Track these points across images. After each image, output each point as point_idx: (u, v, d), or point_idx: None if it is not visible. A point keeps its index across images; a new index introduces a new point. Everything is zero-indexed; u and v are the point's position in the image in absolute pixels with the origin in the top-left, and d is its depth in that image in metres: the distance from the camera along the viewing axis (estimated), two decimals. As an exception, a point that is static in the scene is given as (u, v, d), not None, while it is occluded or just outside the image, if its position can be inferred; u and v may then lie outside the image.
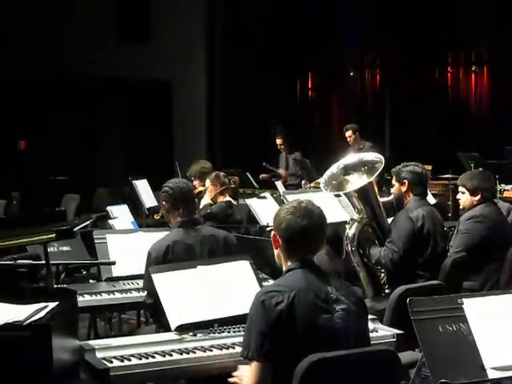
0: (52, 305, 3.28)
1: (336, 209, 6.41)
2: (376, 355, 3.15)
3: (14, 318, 3.11)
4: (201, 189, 7.84)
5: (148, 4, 14.55)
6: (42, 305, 3.25)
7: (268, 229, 6.67)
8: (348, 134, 11.30)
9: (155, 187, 8.52)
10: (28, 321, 3.11)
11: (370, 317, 3.76)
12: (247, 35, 14.20)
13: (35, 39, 13.17)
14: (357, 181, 5.51)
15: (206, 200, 7.52)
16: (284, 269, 3.34)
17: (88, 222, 4.53)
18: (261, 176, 11.79)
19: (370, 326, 3.70)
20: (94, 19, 13.96)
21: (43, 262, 3.87)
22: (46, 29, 13.43)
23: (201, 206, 7.47)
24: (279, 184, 10.28)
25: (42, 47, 13.24)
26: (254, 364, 3.11)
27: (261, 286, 4.07)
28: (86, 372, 3.54)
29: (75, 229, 3.75)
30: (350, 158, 5.81)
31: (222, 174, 7.56)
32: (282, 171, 11.69)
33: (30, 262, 4.41)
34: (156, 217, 8.37)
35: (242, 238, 6.10)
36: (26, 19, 13.23)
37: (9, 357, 2.99)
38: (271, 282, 4.70)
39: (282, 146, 11.85)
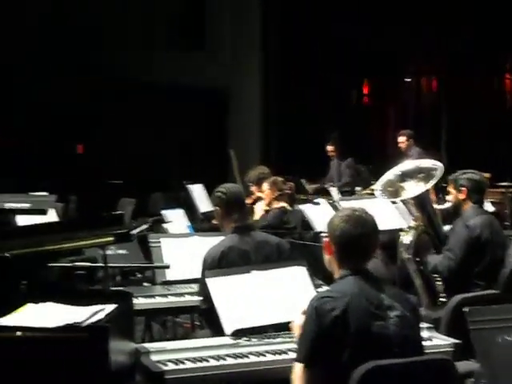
0: (110, 307, 3.32)
1: (392, 215, 6.36)
2: (433, 364, 3.12)
3: (74, 320, 3.16)
4: (259, 195, 7.78)
5: (203, 12, 14.69)
6: (100, 307, 3.30)
7: (322, 234, 6.65)
8: (401, 139, 10.96)
9: (209, 193, 8.51)
10: (87, 322, 3.16)
11: (425, 325, 3.74)
12: (302, 42, 14.20)
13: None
14: (413, 188, 5.48)
15: (261, 205, 7.49)
16: (335, 275, 3.34)
17: (145, 226, 4.57)
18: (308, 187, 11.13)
19: (426, 334, 3.66)
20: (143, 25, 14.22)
21: (101, 264, 3.93)
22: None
23: (256, 212, 7.45)
24: (334, 190, 10.19)
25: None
26: (304, 368, 3.11)
27: (317, 292, 4.05)
28: (142, 374, 3.58)
29: (133, 232, 3.79)
30: (407, 164, 5.78)
31: (280, 179, 7.49)
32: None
33: (88, 264, 4.46)
34: (214, 221, 8.33)
35: (296, 243, 6.07)
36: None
37: (67, 357, 3.04)
38: (325, 288, 4.68)
39: (334, 153, 11.68)
